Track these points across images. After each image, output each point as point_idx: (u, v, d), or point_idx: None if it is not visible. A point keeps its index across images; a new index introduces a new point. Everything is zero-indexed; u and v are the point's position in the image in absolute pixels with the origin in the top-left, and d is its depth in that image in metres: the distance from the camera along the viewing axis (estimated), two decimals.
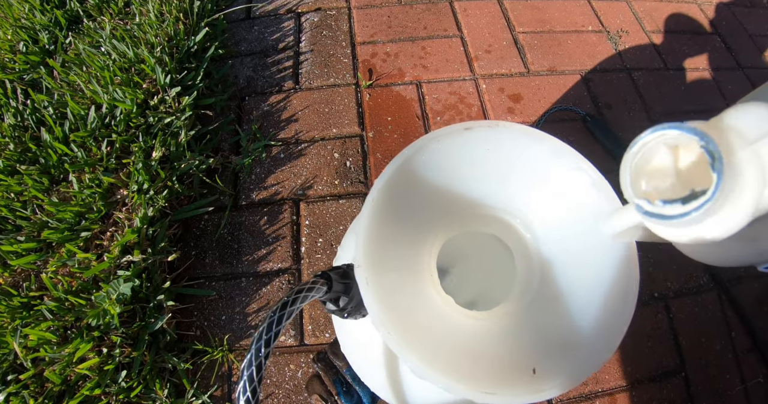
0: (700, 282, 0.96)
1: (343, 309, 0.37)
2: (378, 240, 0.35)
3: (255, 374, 0.28)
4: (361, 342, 0.45)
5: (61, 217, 0.90)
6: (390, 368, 0.40)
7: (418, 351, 0.29)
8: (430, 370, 0.28)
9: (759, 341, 0.91)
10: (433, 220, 0.42)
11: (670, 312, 0.91)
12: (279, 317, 0.30)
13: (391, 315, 0.31)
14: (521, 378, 0.30)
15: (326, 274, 0.36)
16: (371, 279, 0.32)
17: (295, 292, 0.32)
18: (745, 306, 0.94)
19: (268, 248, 0.92)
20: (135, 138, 1.00)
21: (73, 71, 1.12)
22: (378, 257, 0.34)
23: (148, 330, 0.80)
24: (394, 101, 1.14)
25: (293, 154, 1.05)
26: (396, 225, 0.38)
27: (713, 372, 0.87)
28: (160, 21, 1.18)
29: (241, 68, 1.19)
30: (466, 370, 0.31)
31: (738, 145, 0.20)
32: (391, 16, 1.33)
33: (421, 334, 0.33)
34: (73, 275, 0.86)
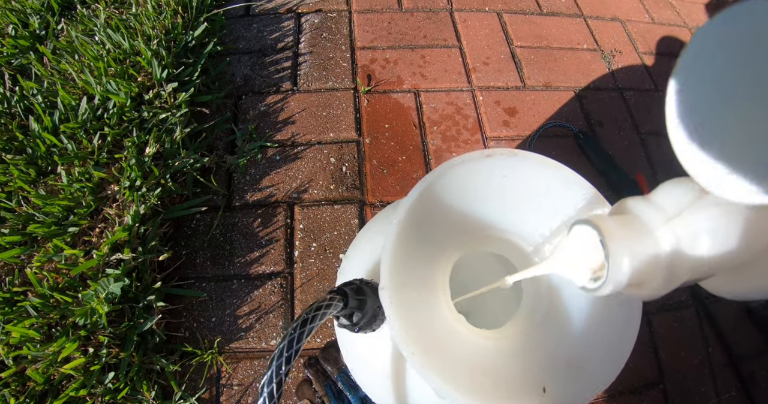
0: (681, 299, 0.99)
1: (356, 324, 0.37)
2: (401, 259, 0.35)
3: (275, 391, 0.28)
4: (365, 353, 0.46)
5: (48, 211, 0.88)
6: (395, 379, 0.41)
7: (440, 371, 0.30)
8: (454, 392, 0.29)
9: (734, 356, 0.95)
10: (449, 240, 0.43)
11: (651, 327, 0.94)
12: (299, 334, 0.31)
13: (413, 334, 0.32)
14: (533, 396, 0.31)
15: (342, 290, 0.36)
16: (394, 300, 0.33)
17: (314, 309, 0.33)
18: (722, 323, 0.98)
19: (260, 251, 0.92)
20: (128, 132, 0.98)
21: (65, 59, 1.09)
22: (400, 277, 0.35)
23: (137, 330, 0.79)
24: (392, 108, 1.15)
25: (289, 156, 1.04)
26: (416, 244, 0.38)
27: (690, 385, 0.90)
28: (158, 13, 1.16)
29: (239, 66, 1.18)
30: (487, 389, 0.32)
31: (659, 221, 0.24)
32: (392, 23, 1.33)
33: (439, 353, 0.33)
34: (59, 271, 0.84)
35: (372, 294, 0.37)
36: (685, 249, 0.24)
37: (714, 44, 0.21)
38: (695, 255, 0.24)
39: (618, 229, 0.25)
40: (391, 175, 1.03)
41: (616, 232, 0.24)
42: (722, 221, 0.23)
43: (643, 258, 0.24)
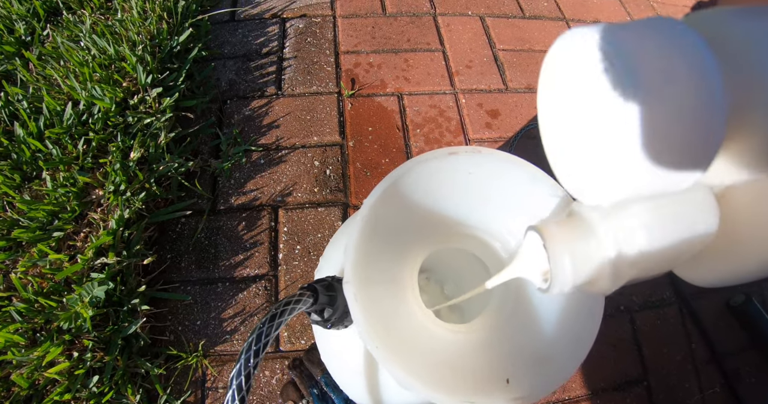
0: (663, 296, 1.01)
1: (327, 320, 0.38)
2: (366, 255, 0.36)
3: (244, 383, 0.29)
4: (340, 352, 0.47)
5: (32, 216, 0.88)
6: (368, 376, 0.42)
7: (403, 364, 0.31)
8: (415, 381, 0.30)
9: (717, 353, 0.97)
10: (417, 237, 0.44)
11: (634, 325, 0.96)
12: (268, 328, 0.32)
13: (378, 328, 0.33)
14: (497, 387, 0.33)
15: (312, 286, 0.37)
16: (359, 295, 0.34)
17: (283, 305, 0.34)
18: (705, 320, 1.00)
19: (245, 254, 0.93)
20: (113, 137, 0.98)
21: (50, 65, 1.09)
22: (365, 271, 0.36)
23: (121, 334, 0.80)
24: (376, 112, 1.16)
25: (273, 160, 1.05)
26: (382, 241, 0.39)
27: (674, 382, 0.92)
28: (143, 18, 1.17)
29: (224, 71, 1.19)
30: (447, 381, 0.33)
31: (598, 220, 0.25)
32: (376, 27, 1.35)
33: (404, 347, 0.35)
34: (44, 276, 0.84)
35: (342, 290, 0.38)
36: (624, 245, 0.25)
37: (554, 68, 0.23)
38: (635, 250, 0.25)
39: (560, 233, 0.26)
40: (374, 178, 1.04)
41: (558, 236, 0.26)
42: (654, 215, 0.24)
43: (585, 258, 0.25)
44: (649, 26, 0.19)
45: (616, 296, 0.98)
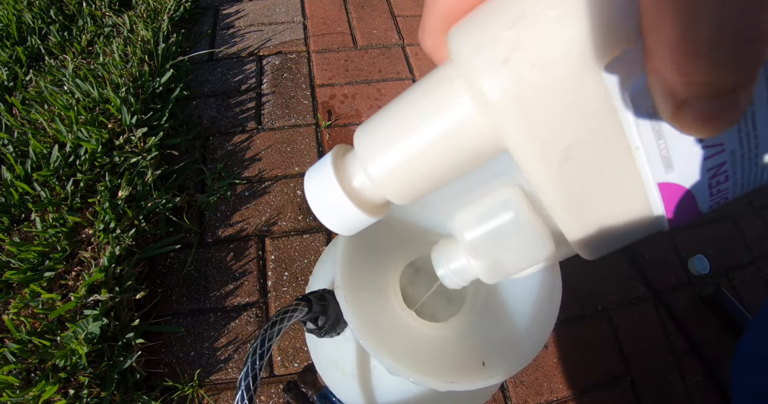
0: (638, 293, 1.07)
1: (321, 328, 0.43)
2: (351, 265, 0.41)
3: (252, 384, 0.34)
4: (333, 358, 0.51)
5: (23, 257, 0.90)
6: (361, 377, 0.47)
7: (390, 353, 0.36)
8: (402, 367, 0.35)
9: (694, 343, 1.03)
10: (395, 248, 0.49)
11: (613, 323, 1.02)
12: (270, 333, 0.36)
13: (367, 326, 0.37)
14: (474, 370, 0.38)
15: (306, 297, 0.42)
16: (349, 297, 0.39)
17: (282, 313, 0.38)
18: (680, 313, 1.06)
19: (235, 283, 0.96)
20: (101, 177, 1.02)
21: (35, 109, 1.12)
22: (352, 280, 0.41)
23: (117, 369, 0.82)
24: (352, 140, 1.22)
25: (257, 191, 1.10)
26: (365, 253, 0.44)
27: (657, 375, 0.97)
28: (125, 61, 1.21)
29: (205, 109, 1.24)
30: (430, 367, 0.38)
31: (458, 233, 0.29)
32: (348, 60, 1.42)
33: (391, 341, 0.39)
34: (37, 316, 0.86)
35: (333, 300, 0.43)
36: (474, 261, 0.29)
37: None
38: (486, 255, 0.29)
39: (443, 244, 0.32)
40: None
41: (440, 246, 0.32)
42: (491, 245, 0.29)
43: (458, 262, 0.31)
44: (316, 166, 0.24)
45: (592, 297, 1.04)
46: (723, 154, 0.15)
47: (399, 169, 0.20)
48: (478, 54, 0.15)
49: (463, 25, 0.17)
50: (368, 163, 0.20)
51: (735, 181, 0.16)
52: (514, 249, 0.27)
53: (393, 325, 0.44)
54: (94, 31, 1.34)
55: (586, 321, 1.01)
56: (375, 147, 0.20)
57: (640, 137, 0.15)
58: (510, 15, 0.15)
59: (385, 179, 0.20)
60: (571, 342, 0.98)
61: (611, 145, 0.16)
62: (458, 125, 0.18)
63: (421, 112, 0.18)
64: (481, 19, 0.16)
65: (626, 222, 0.19)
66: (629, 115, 0.15)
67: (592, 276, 1.07)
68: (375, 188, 0.21)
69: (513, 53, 0.15)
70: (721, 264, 1.16)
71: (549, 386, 0.92)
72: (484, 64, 0.15)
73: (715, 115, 0.12)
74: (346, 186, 0.22)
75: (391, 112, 0.20)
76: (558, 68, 0.14)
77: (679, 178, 0.16)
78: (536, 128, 0.16)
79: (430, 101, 0.18)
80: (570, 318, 1.01)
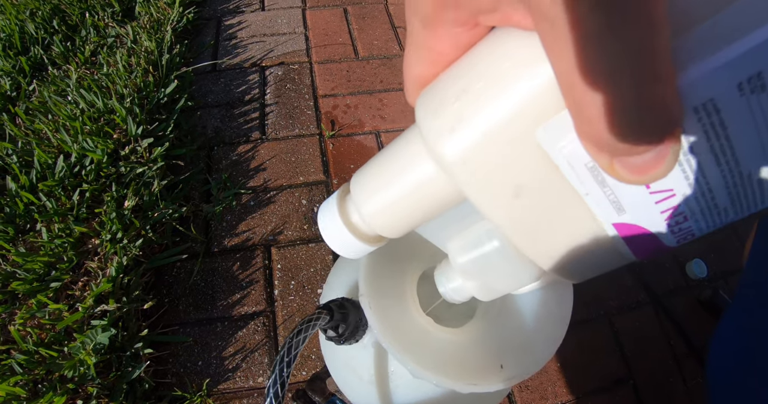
0: (638, 298, 1.08)
1: (341, 335, 0.44)
2: (373, 274, 0.43)
3: (280, 391, 0.34)
4: (350, 365, 0.52)
5: (29, 268, 0.90)
6: (379, 386, 0.48)
7: (414, 358, 0.37)
8: (426, 371, 0.36)
9: (694, 346, 1.04)
10: (413, 256, 0.51)
11: (614, 328, 1.03)
12: (296, 342, 0.37)
13: (390, 332, 0.39)
14: (493, 372, 0.39)
15: (328, 306, 0.43)
16: (373, 305, 0.40)
17: (306, 321, 0.39)
18: (679, 317, 1.07)
19: (241, 292, 0.96)
20: (107, 187, 1.02)
21: (39, 119, 1.13)
22: (374, 286, 0.42)
23: (125, 379, 0.82)
24: (356, 150, 1.24)
25: (262, 201, 1.10)
26: (385, 262, 0.46)
27: (658, 377, 0.99)
28: (129, 72, 1.22)
29: (209, 119, 1.25)
30: (451, 370, 0.39)
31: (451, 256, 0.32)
32: (350, 71, 1.44)
33: (413, 346, 0.41)
34: (43, 327, 0.86)
35: (352, 308, 0.44)
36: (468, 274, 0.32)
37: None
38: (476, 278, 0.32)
39: (443, 264, 0.35)
40: None
41: (441, 266, 0.35)
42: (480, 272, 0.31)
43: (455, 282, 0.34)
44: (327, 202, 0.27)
45: (594, 303, 1.06)
46: (675, 198, 0.16)
47: (384, 212, 0.23)
48: (432, 123, 0.18)
49: (423, 94, 0.19)
50: (360, 206, 0.24)
51: (696, 221, 0.17)
52: (501, 274, 0.30)
53: (413, 331, 0.45)
54: (97, 42, 1.35)
55: (587, 326, 1.03)
56: (364, 193, 0.24)
57: (585, 187, 0.16)
58: (456, 88, 0.17)
59: (375, 219, 0.24)
60: (575, 346, 0.99)
61: (561, 192, 0.17)
62: (425, 179, 0.21)
63: (396, 167, 0.22)
64: (435, 91, 0.18)
65: (593, 256, 0.20)
66: (570, 171, 0.16)
67: (593, 281, 1.08)
68: (367, 226, 0.25)
69: (458, 123, 0.17)
70: (719, 267, 1.17)
71: (553, 390, 0.93)
72: (436, 132, 0.18)
73: (643, 167, 0.13)
74: (347, 221, 0.25)
75: (377, 163, 0.23)
76: (498, 135, 0.16)
77: (633, 220, 0.17)
78: (484, 184, 0.18)
79: (403, 158, 0.21)
80: (573, 322, 1.01)
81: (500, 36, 0.16)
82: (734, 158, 0.14)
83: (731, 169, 0.15)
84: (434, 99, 0.18)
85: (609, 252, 0.20)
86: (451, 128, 0.17)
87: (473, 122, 0.16)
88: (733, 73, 0.12)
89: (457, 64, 0.18)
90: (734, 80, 0.12)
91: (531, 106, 0.15)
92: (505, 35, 0.16)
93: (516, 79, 0.15)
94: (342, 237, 0.26)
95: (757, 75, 0.12)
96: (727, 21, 0.12)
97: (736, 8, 0.12)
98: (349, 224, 0.25)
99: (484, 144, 0.16)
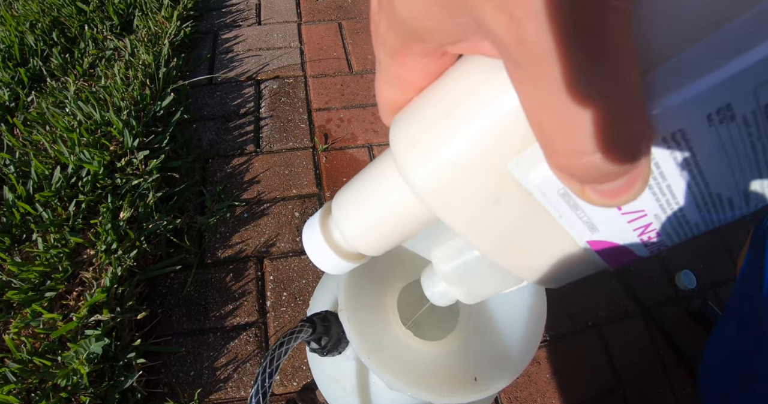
0: (627, 309, 1.10)
1: (323, 347, 0.46)
2: (354, 288, 0.45)
3: (262, 400, 0.36)
4: (334, 376, 0.54)
5: (24, 277, 0.91)
6: (362, 396, 0.50)
7: (390, 370, 0.39)
8: (401, 383, 0.38)
9: (683, 356, 1.05)
10: (393, 271, 0.53)
11: (603, 338, 1.04)
12: (278, 353, 0.39)
13: (368, 345, 0.41)
14: (468, 384, 0.41)
15: (311, 319, 0.45)
16: (351, 319, 0.42)
17: (288, 334, 0.41)
18: (668, 327, 1.08)
19: (234, 303, 0.98)
20: (102, 199, 1.04)
21: (36, 130, 1.15)
22: (354, 302, 0.44)
23: (118, 389, 0.83)
24: (349, 163, 1.26)
25: (256, 213, 1.13)
26: (366, 276, 0.48)
27: (647, 388, 1.00)
28: (126, 85, 1.24)
29: (205, 132, 1.27)
30: (427, 382, 0.41)
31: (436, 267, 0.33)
32: (344, 85, 1.47)
33: (390, 358, 0.43)
34: (37, 336, 0.87)
35: (335, 321, 0.46)
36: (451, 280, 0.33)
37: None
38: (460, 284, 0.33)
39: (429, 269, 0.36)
40: None
41: (426, 271, 0.36)
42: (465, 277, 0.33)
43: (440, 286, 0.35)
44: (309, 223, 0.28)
45: (583, 314, 1.08)
46: (647, 218, 0.16)
47: (363, 232, 0.24)
48: (405, 152, 0.18)
49: (396, 122, 0.20)
50: (341, 226, 0.25)
51: (668, 235, 0.17)
52: (483, 279, 0.31)
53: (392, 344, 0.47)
54: (95, 54, 1.37)
55: (576, 337, 1.05)
56: (344, 215, 0.25)
57: (557, 211, 0.17)
58: (426, 119, 0.18)
59: (355, 238, 0.25)
60: (563, 357, 1.01)
61: (534, 214, 0.18)
62: (401, 202, 0.21)
63: (373, 189, 0.23)
64: (406, 120, 0.19)
65: (570, 267, 0.21)
66: (542, 198, 0.17)
67: (582, 292, 1.11)
68: (348, 244, 0.26)
69: (429, 154, 0.17)
70: (708, 278, 1.20)
71: (542, 401, 0.95)
72: (408, 162, 0.18)
73: (615, 192, 0.13)
74: (329, 239, 0.26)
75: (356, 185, 0.24)
76: (468, 166, 0.17)
77: (607, 237, 0.18)
78: (458, 211, 0.18)
79: (380, 181, 0.22)
80: (561, 334, 1.04)
81: (469, 64, 0.17)
82: (704, 182, 0.15)
83: (701, 191, 0.15)
84: (406, 128, 0.18)
85: (584, 263, 0.20)
86: (424, 158, 0.17)
87: (444, 152, 0.17)
88: (702, 105, 0.12)
89: (428, 93, 0.18)
90: (703, 112, 0.12)
91: (501, 135, 0.15)
92: (474, 63, 0.16)
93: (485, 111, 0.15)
94: (325, 255, 0.26)
95: (726, 106, 0.12)
96: (695, 55, 0.12)
97: (704, 43, 0.12)
98: (331, 242, 0.26)
99: (455, 173, 0.17)
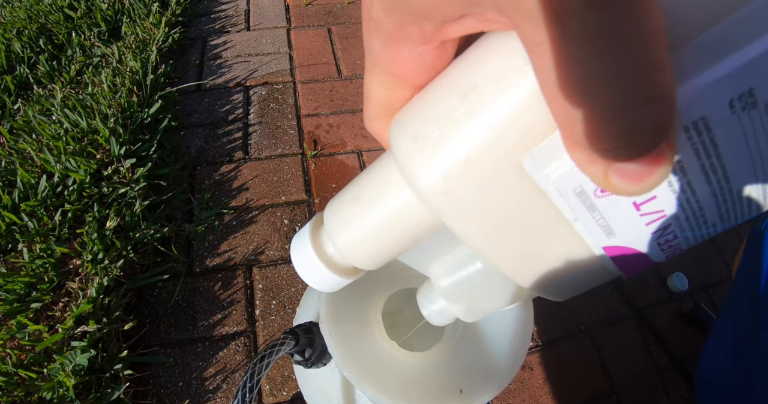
0: (620, 312, 1.10)
1: (308, 359, 0.46)
2: (336, 299, 0.44)
3: None
4: (320, 388, 0.54)
5: (9, 288, 0.91)
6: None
7: (373, 383, 0.39)
8: (383, 396, 0.38)
9: (676, 359, 1.06)
10: (377, 282, 0.52)
11: (596, 343, 1.05)
12: (259, 367, 0.39)
13: (350, 357, 0.40)
14: (453, 396, 0.41)
15: (294, 331, 0.44)
16: (333, 331, 0.42)
17: (270, 347, 0.41)
18: (661, 330, 1.09)
19: (223, 313, 0.98)
20: (89, 208, 1.03)
21: (23, 138, 1.14)
22: (336, 313, 0.43)
23: (105, 401, 0.82)
24: (338, 169, 1.26)
25: (245, 221, 1.12)
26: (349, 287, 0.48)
27: (641, 391, 1.00)
28: (113, 92, 1.24)
29: (193, 139, 1.27)
30: (411, 395, 0.41)
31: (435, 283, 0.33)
32: (333, 90, 1.47)
33: (373, 370, 0.42)
34: (23, 348, 0.86)
35: (319, 332, 0.45)
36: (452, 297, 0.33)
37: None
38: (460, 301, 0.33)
39: (426, 286, 0.36)
40: None
41: (423, 289, 0.36)
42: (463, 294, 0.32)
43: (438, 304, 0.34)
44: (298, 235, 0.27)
45: (575, 318, 1.08)
46: (666, 219, 0.16)
47: (359, 244, 0.23)
48: (410, 152, 0.17)
49: (398, 120, 0.18)
50: (335, 238, 0.23)
51: (686, 237, 0.17)
52: (485, 295, 0.30)
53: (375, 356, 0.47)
54: (83, 61, 1.36)
55: (569, 341, 1.05)
56: (338, 225, 0.23)
57: (574, 212, 0.16)
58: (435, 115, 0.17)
59: (351, 251, 0.23)
60: (556, 362, 1.01)
61: (548, 217, 0.17)
62: (403, 208, 0.20)
63: (371, 196, 0.21)
64: (412, 117, 0.18)
65: (580, 276, 0.21)
66: (558, 197, 0.16)
67: (575, 297, 1.11)
68: (343, 258, 0.24)
69: (439, 152, 0.16)
70: (700, 280, 1.20)
71: None
72: (412, 159, 0.17)
73: (640, 175, 0.12)
74: (321, 254, 0.25)
75: (351, 193, 0.23)
76: (481, 163, 0.16)
77: (623, 242, 0.17)
78: (467, 214, 0.17)
79: (379, 187, 0.21)
80: (553, 339, 1.04)
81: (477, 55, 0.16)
82: (725, 176, 0.14)
83: (722, 187, 0.15)
84: (409, 122, 0.18)
85: (596, 272, 0.20)
86: (432, 157, 0.16)
87: (455, 149, 0.16)
88: (725, 90, 0.12)
89: (433, 87, 0.17)
90: (726, 97, 0.12)
91: (516, 130, 0.15)
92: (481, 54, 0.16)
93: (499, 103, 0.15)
94: (316, 271, 0.25)
95: (749, 91, 0.12)
96: (716, 37, 0.12)
97: (724, 24, 0.11)
98: (324, 257, 0.25)
99: (466, 173, 0.16)
